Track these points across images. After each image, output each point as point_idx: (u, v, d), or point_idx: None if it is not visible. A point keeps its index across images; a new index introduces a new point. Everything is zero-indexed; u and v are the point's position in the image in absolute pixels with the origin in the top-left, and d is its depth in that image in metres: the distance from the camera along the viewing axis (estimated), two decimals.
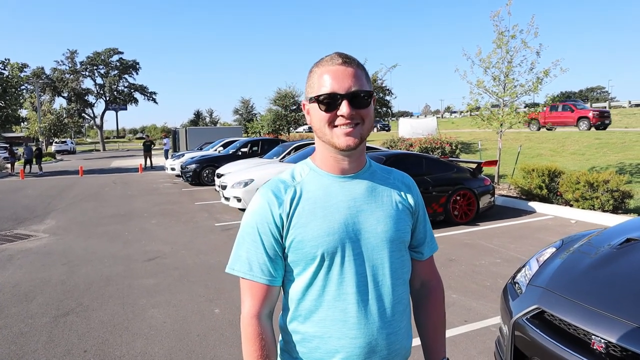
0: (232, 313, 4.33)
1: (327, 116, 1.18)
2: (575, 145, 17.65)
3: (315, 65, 1.24)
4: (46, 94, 54.68)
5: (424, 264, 1.42)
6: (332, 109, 1.17)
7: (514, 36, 10.82)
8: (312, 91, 1.21)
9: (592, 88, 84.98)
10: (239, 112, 49.94)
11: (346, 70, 1.18)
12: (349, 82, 1.16)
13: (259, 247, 1.22)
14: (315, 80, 1.21)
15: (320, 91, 1.18)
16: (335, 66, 1.18)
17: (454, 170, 8.44)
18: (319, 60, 1.23)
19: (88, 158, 37.93)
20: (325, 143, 1.22)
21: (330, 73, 1.18)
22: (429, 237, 1.41)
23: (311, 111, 1.23)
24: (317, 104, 1.19)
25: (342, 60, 1.19)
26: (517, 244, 6.56)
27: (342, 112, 1.16)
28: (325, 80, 1.18)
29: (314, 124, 1.23)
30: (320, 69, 1.21)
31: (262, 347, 1.20)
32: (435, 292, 1.44)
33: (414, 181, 1.41)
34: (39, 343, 3.80)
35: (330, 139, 1.19)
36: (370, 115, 1.21)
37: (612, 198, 8.09)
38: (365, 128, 1.20)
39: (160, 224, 8.73)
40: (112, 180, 17.91)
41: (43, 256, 6.56)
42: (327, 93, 1.16)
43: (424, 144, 15.93)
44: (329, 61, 1.20)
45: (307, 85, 1.26)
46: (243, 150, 15.66)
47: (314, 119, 1.22)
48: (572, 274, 2.73)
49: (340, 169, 1.25)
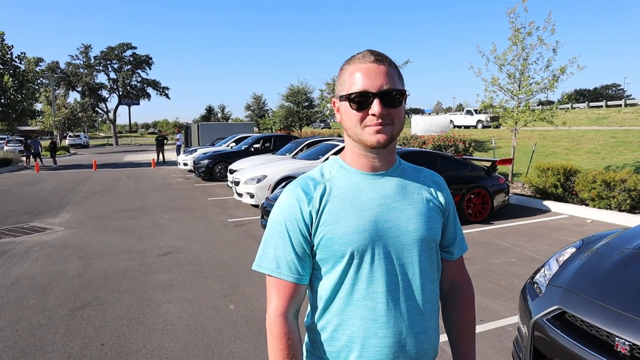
0: (247, 309, 4.35)
1: (359, 115, 1.16)
2: (591, 144, 17.43)
3: (347, 62, 1.22)
4: (61, 88, 55.28)
5: (453, 264, 1.40)
6: (363, 108, 1.16)
7: (530, 33, 10.69)
8: (343, 89, 1.20)
9: (607, 86, 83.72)
10: (251, 108, 50.02)
11: (378, 68, 1.16)
12: (381, 81, 1.15)
13: (286, 245, 1.20)
14: (346, 78, 1.19)
15: (352, 89, 1.16)
16: (367, 64, 1.16)
17: (468, 168, 8.37)
18: (350, 58, 1.22)
19: (101, 152, 38.30)
20: (355, 141, 1.21)
21: (362, 71, 1.16)
22: (459, 237, 1.39)
23: (342, 109, 1.21)
24: (349, 102, 1.17)
25: (374, 57, 1.17)
26: (532, 243, 6.50)
27: (374, 111, 1.14)
28: (356, 79, 1.16)
29: (345, 123, 1.21)
30: (352, 67, 1.19)
31: (289, 347, 1.18)
32: (465, 293, 1.42)
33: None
34: (57, 335, 3.85)
35: (361, 137, 1.18)
36: (402, 115, 1.20)
37: (629, 197, 7.97)
38: (396, 127, 1.19)
39: (173, 219, 8.79)
40: (125, 174, 18.06)
41: (59, 249, 6.64)
42: (359, 91, 1.15)
43: (437, 141, 15.83)
44: (361, 59, 1.18)
45: (337, 82, 1.24)
46: (255, 146, 15.69)
47: (345, 118, 1.20)
48: (594, 275, 2.69)
49: (371, 166, 1.24)
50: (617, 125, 24.82)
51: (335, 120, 1.27)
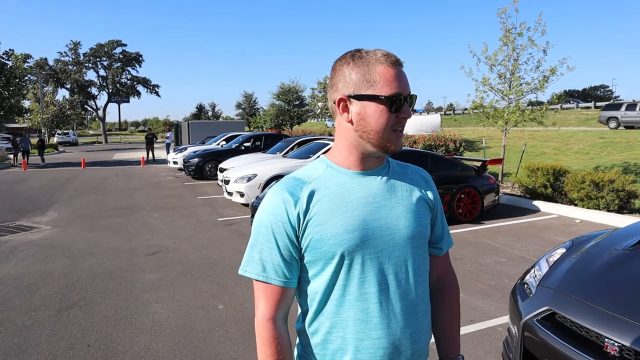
0: (236, 309, 4.31)
1: (392, 118, 1.15)
2: (580, 144, 17.59)
3: (367, 59, 1.15)
4: (49, 85, 54.61)
5: (441, 260, 1.39)
6: (396, 111, 1.15)
7: (521, 34, 10.74)
8: (373, 89, 1.13)
9: (595, 87, 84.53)
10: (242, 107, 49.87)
11: (402, 72, 1.17)
12: (408, 85, 1.17)
13: (273, 248, 1.17)
14: (375, 78, 1.13)
15: (389, 91, 1.13)
16: (395, 67, 1.15)
17: (459, 168, 8.40)
18: (369, 55, 1.16)
19: (90, 150, 37.93)
20: (371, 144, 1.17)
21: (395, 73, 1.14)
22: (446, 232, 1.39)
23: (366, 110, 1.15)
24: (385, 105, 1.14)
25: (394, 59, 1.16)
26: (522, 243, 6.52)
27: (405, 115, 1.16)
28: (390, 80, 1.13)
29: (370, 124, 1.15)
30: (380, 66, 1.14)
31: (278, 351, 1.16)
32: (451, 288, 1.42)
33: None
34: (42, 336, 3.78)
35: (386, 142, 1.16)
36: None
37: (617, 198, 8.05)
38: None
39: (162, 218, 8.71)
40: (114, 172, 17.90)
41: (45, 248, 6.55)
42: (397, 93, 1.13)
43: (428, 141, 15.88)
44: (387, 59, 1.15)
45: (354, 79, 1.15)
46: (246, 145, 15.63)
47: (372, 120, 1.14)
48: (584, 276, 2.69)
49: (362, 166, 1.22)
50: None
51: (336, 119, 1.22)
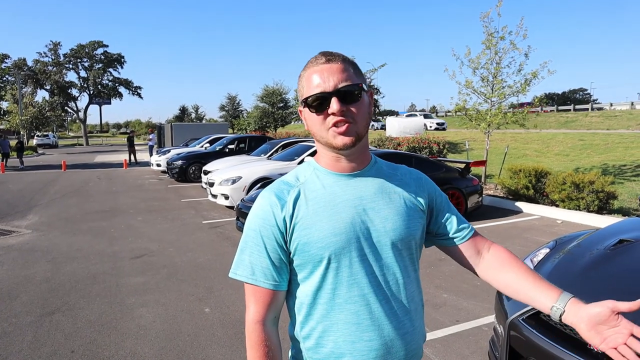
0: (223, 312, 4.28)
1: (319, 117, 1.16)
2: (560, 146, 17.91)
3: (303, 69, 1.23)
4: (28, 87, 53.54)
5: (473, 241, 1.33)
6: (322, 109, 1.15)
7: (503, 37, 10.90)
8: (302, 95, 1.20)
9: (574, 90, 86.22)
10: (225, 109, 49.59)
11: (331, 68, 1.15)
12: (334, 79, 1.14)
13: (261, 251, 1.19)
14: (303, 84, 1.20)
15: (308, 93, 1.16)
16: (319, 66, 1.16)
17: (443, 169, 8.48)
18: (306, 64, 1.22)
19: (71, 152, 37.29)
20: (323, 145, 1.21)
21: (316, 73, 1.16)
22: (461, 220, 1.33)
23: (305, 115, 1.22)
24: (308, 106, 1.17)
25: (325, 58, 1.17)
26: (506, 244, 6.61)
27: (333, 110, 1.13)
28: (312, 82, 1.16)
29: (310, 128, 1.21)
30: (307, 72, 1.19)
31: (266, 354, 1.17)
32: (501, 249, 1.33)
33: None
34: (24, 343, 3.71)
35: (327, 140, 1.17)
36: (364, 110, 1.18)
37: (597, 199, 8.21)
38: (360, 124, 1.17)
39: (146, 221, 8.61)
40: (96, 175, 17.63)
41: (26, 253, 6.42)
42: (315, 94, 1.15)
43: (412, 143, 15.99)
44: (314, 62, 1.18)
45: (298, 90, 1.25)
46: (230, 147, 15.56)
47: (309, 123, 1.21)
48: (568, 275, 2.74)
49: (344, 167, 1.23)
50: (585, 128, 25.62)
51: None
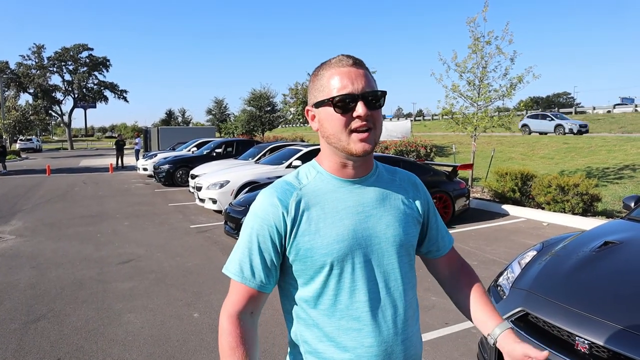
0: (212, 317, 4.25)
1: (343, 119, 1.13)
2: (545, 150, 18.15)
3: (322, 68, 1.19)
4: (11, 90, 52.66)
5: (448, 257, 1.41)
6: (348, 111, 1.13)
7: (489, 42, 11.03)
8: (323, 94, 1.16)
9: (558, 94, 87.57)
10: (212, 112, 49.29)
11: (358, 72, 1.15)
12: (362, 83, 1.13)
13: (254, 251, 1.18)
14: (325, 83, 1.16)
15: (335, 92, 1.13)
16: (346, 67, 1.15)
17: (430, 173, 8.54)
18: (325, 63, 1.19)
19: (55, 157, 36.78)
20: (337, 149, 1.18)
21: (343, 74, 1.14)
22: (445, 230, 1.41)
23: (322, 116, 1.18)
24: (333, 106, 1.14)
25: (352, 61, 1.16)
26: (493, 246, 6.68)
27: (359, 113, 1.11)
28: (338, 82, 1.14)
29: (327, 129, 1.17)
30: (330, 71, 1.16)
31: (238, 343, 1.16)
32: (468, 271, 1.42)
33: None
34: (8, 351, 3.64)
35: (346, 145, 1.15)
36: (381, 118, 1.19)
37: (581, 201, 8.33)
38: (377, 132, 1.18)
39: (133, 226, 8.53)
40: (81, 180, 17.41)
41: (10, 259, 6.31)
42: (343, 94, 1.12)
43: (399, 146, 16.08)
44: (338, 63, 1.16)
45: (313, 89, 1.20)
46: (217, 151, 15.46)
47: (328, 124, 1.16)
48: (555, 277, 2.78)
49: (349, 173, 1.22)
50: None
51: (312, 128, 1.25)
